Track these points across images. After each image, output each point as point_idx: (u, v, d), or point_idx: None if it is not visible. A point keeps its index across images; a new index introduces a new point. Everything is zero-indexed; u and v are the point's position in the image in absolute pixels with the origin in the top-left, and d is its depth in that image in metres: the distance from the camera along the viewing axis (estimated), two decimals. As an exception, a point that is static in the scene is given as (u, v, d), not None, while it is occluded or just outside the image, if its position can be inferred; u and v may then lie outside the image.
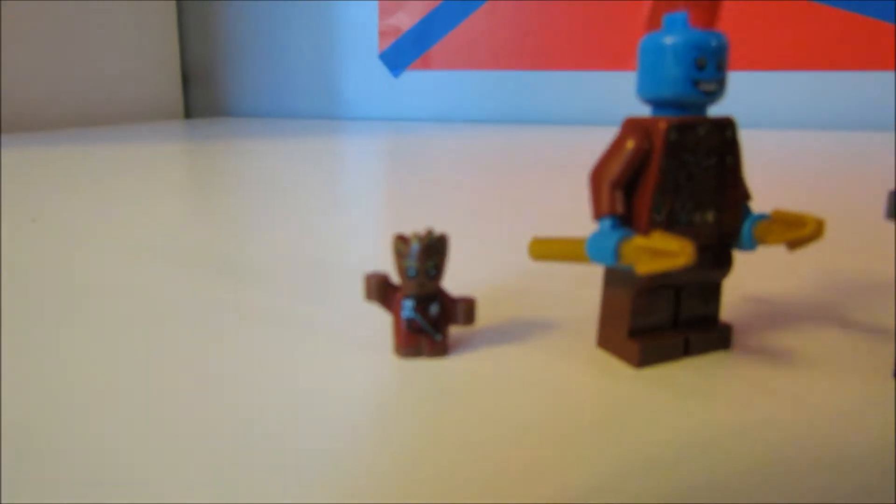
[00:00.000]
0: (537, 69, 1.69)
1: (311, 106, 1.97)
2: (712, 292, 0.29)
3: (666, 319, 0.29)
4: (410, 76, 1.83)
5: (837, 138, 1.28)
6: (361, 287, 0.29)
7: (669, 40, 0.25)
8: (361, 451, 0.22)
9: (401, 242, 0.27)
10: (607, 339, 0.29)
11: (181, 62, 2.01)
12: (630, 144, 0.26)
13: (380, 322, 0.31)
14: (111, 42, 1.74)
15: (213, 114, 2.10)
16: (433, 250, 0.27)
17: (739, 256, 0.29)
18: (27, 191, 0.74)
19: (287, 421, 0.23)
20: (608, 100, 1.44)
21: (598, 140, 0.35)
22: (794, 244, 0.27)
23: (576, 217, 0.37)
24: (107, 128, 1.61)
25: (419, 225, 0.33)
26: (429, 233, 0.27)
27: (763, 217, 0.28)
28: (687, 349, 0.28)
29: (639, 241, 0.24)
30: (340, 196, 0.76)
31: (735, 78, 0.34)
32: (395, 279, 0.29)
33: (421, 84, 1.82)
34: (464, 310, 0.29)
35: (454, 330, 0.30)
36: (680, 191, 0.26)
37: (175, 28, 1.96)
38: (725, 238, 0.28)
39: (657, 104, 0.27)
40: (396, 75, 1.84)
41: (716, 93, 0.26)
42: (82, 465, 0.21)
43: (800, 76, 1.48)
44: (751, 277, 0.38)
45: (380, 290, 0.29)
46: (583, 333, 0.31)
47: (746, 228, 0.28)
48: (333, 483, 0.20)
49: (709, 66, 0.25)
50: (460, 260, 0.35)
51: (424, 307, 0.28)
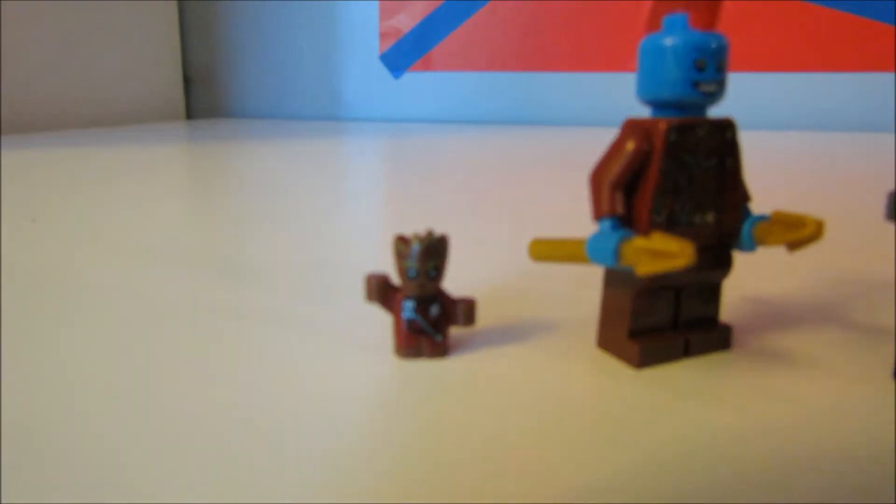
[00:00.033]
0: (538, 70, 1.70)
1: (312, 107, 1.97)
2: (712, 293, 0.29)
3: (666, 320, 0.29)
4: (411, 77, 1.83)
5: (837, 139, 1.28)
6: (362, 288, 0.29)
7: (669, 42, 0.25)
8: (362, 452, 0.22)
9: (401, 243, 0.27)
10: (607, 340, 0.29)
11: (182, 63, 2.01)
12: (630, 145, 0.26)
13: (380, 323, 0.31)
14: (112, 43, 1.74)
15: (215, 115, 2.10)
16: (433, 251, 0.27)
17: (739, 257, 0.29)
18: (27, 191, 0.74)
19: (287, 421, 0.23)
20: (608, 101, 1.44)
21: (598, 141, 0.35)
22: (794, 245, 0.27)
23: (576, 218, 0.37)
24: (108, 129, 1.61)
25: (419, 226, 0.33)
26: (429, 234, 0.27)
27: (763, 218, 0.28)
28: (687, 350, 0.28)
29: (639, 242, 0.24)
30: (341, 197, 0.76)
31: (735, 79, 0.34)
32: (396, 280, 0.29)
33: (421, 85, 1.82)
34: (464, 311, 0.29)
35: (454, 331, 0.30)
36: (680, 192, 0.26)
37: (176, 29, 1.96)
38: (725, 239, 0.28)
39: (657, 105, 0.27)
40: (397, 76, 1.84)
41: (716, 94, 0.26)
42: (82, 465, 0.21)
43: (799, 77, 1.48)
44: (751, 278, 0.38)
45: (380, 291, 0.29)
46: (583, 334, 0.31)
47: (746, 229, 0.28)
48: (334, 483, 0.20)
49: (708, 68, 0.25)
50: (461, 261, 0.35)
51: (425, 308, 0.28)
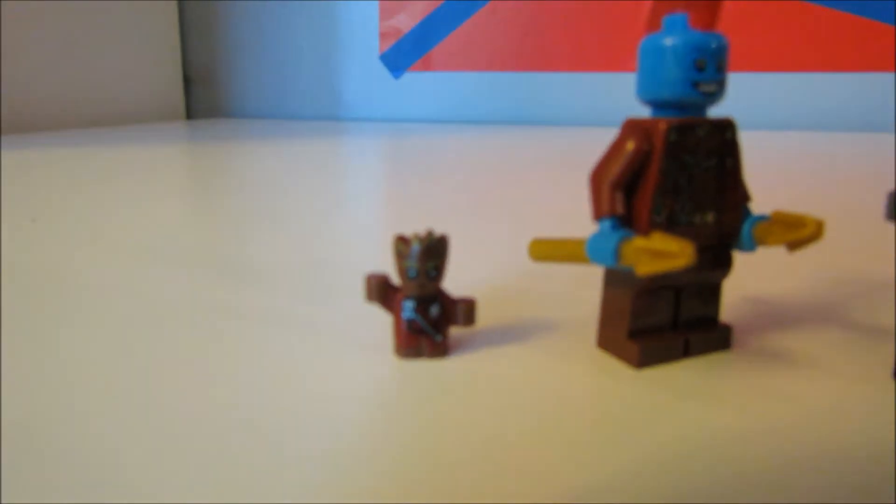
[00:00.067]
0: (538, 70, 1.70)
1: (313, 107, 1.97)
2: (712, 293, 0.29)
3: (666, 320, 0.29)
4: (411, 77, 1.83)
5: (837, 139, 1.28)
6: (362, 288, 0.29)
7: (669, 42, 0.25)
8: (362, 452, 0.22)
9: (401, 243, 0.27)
10: (607, 340, 0.29)
11: (182, 63, 2.01)
12: (630, 145, 0.26)
13: (380, 323, 0.31)
14: (112, 43, 1.74)
15: (215, 115, 2.10)
16: (433, 251, 0.27)
17: (739, 257, 0.29)
18: (27, 191, 0.74)
19: (287, 421, 0.23)
20: (608, 101, 1.44)
21: (599, 141, 0.35)
22: (794, 245, 0.27)
23: (576, 218, 0.37)
24: (108, 129, 1.61)
25: (419, 226, 0.33)
26: (429, 234, 0.27)
27: (763, 218, 0.28)
28: (687, 350, 0.28)
29: (639, 242, 0.24)
30: (341, 197, 0.76)
31: (735, 79, 0.34)
32: (396, 280, 0.29)
33: (421, 85, 1.82)
34: (464, 311, 0.29)
35: (454, 331, 0.30)
36: (680, 192, 0.26)
37: (176, 29, 1.96)
38: (725, 239, 0.28)
39: (657, 105, 0.27)
40: (397, 77, 1.84)
41: (715, 94, 0.26)
42: (82, 465, 0.21)
43: (799, 77, 1.48)
44: (751, 278, 0.38)
45: (380, 291, 0.29)
46: (583, 334, 0.31)
47: (746, 229, 0.28)
48: (334, 483, 0.20)
49: (708, 68, 0.25)
50: (460, 261, 0.35)
51: (425, 308, 0.28)
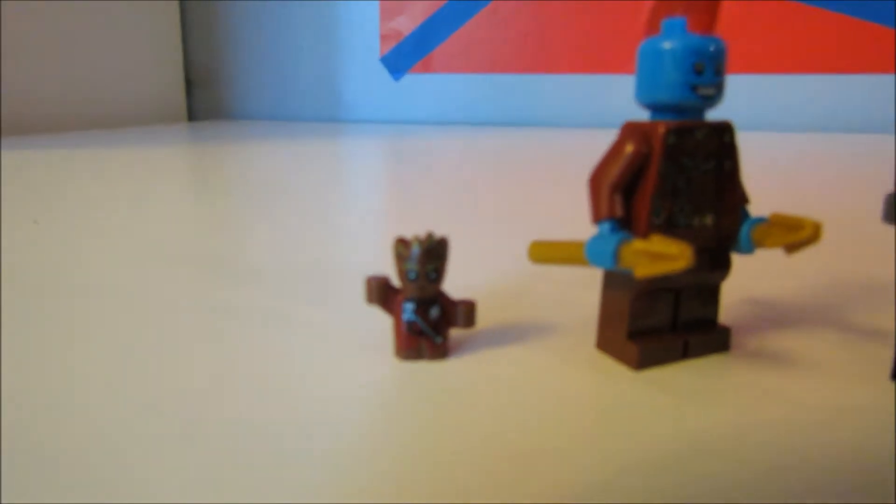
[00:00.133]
0: (537, 72, 1.70)
1: (313, 109, 1.97)
2: (711, 295, 0.29)
3: (665, 322, 0.29)
4: (411, 79, 1.83)
5: (836, 141, 1.28)
6: (362, 290, 0.29)
7: (668, 45, 0.26)
8: (362, 453, 0.22)
9: (401, 245, 0.28)
10: (606, 342, 0.29)
11: (184, 65, 2.01)
12: (629, 148, 0.26)
13: (380, 324, 0.31)
14: (113, 44, 1.74)
15: (216, 116, 2.10)
16: (434, 253, 0.27)
17: (738, 259, 0.29)
18: (29, 193, 0.74)
19: (288, 422, 0.24)
20: (608, 103, 1.44)
21: (598, 143, 0.35)
22: (792, 247, 0.27)
23: (575, 220, 0.38)
24: (109, 130, 1.62)
25: (420, 228, 0.33)
26: (429, 236, 0.27)
27: (761, 220, 0.28)
28: (686, 351, 0.28)
29: (638, 245, 0.24)
30: (342, 198, 0.76)
31: (734, 81, 0.34)
32: (396, 282, 0.29)
33: (422, 87, 1.82)
34: (464, 312, 0.29)
35: (454, 332, 0.30)
36: (679, 194, 0.27)
37: (178, 31, 1.96)
38: (724, 241, 0.28)
39: (656, 108, 0.27)
40: (397, 78, 1.84)
41: (714, 97, 0.26)
42: (82, 465, 0.21)
43: (798, 79, 1.48)
44: (749, 280, 0.39)
45: (380, 293, 0.29)
46: (582, 336, 0.31)
47: (744, 232, 0.28)
48: (334, 483, 0.20)
49: (707, 71, 0.25)
50: (460, 262, 0.35)
51: (425, 310, 0.28)
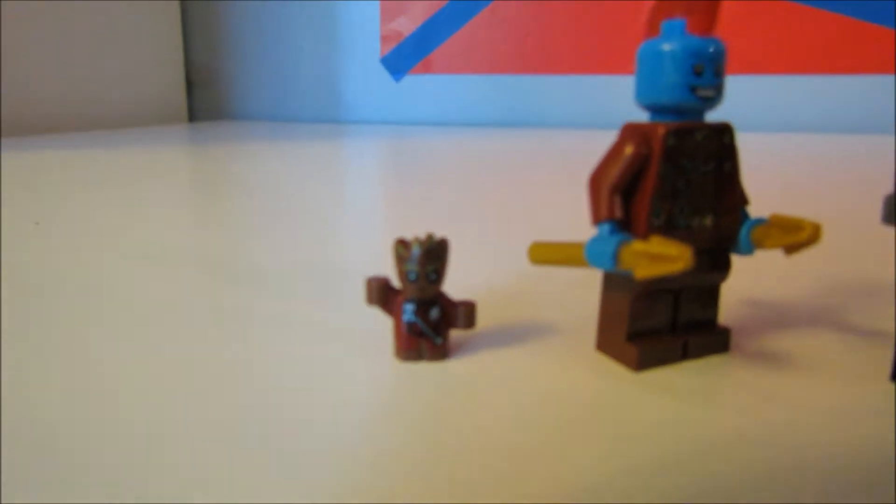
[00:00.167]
0: (538, 73, 1.70)
1: (314, 109, 1.97)
2: (710, 296, 0.30)
3: (664, 323, 0.29)
4: (412, 80, 1.83)
5: (835, 142, 1.28)
6: (362, 290, 0.29)
7: (667, 47, 0.26)
8: (362, 453, 0.22)
9: (402, 246, 0.28)
10: (606, 343, 0.29)
11: (185, 65, 2.01)
12: (629, 150, 0.26)
13: (381, 325, 0.31)
14: (114, 45, 1.75)
15: (217, 117, 2.10)
16: (434, 255, 0.27)
17: (737, 260, 0.29)
18: (30, 194, 0.74)
19: (288, 423, 0.24)
20: (608, 103, 1.44)
21: (598, 143, 0.35)
22: (792, 249, 0.27)
23: (575, 221, 0.38)
24: (109, 131, 1.62)
25: (420, 228, 0.33)
26: (429, 237, 0.28)
27: (761, 221, 0.28)
28: (685, 353, 0.29)
29: (637, 246, 0.24)
30: (342, 199, 0.76)
31: (734, 81, 0.34)
32: (396, 283, 0.29)
33: (422, 88, 1.82)
34: (464, 313, 0.29)
35: (454, 333, 0.30)
36: (678, 196, 0.27)
37: (179, 31, 1.96)
38: (723, 242, 0.28)
39: (655, 110, 0.27)
40: (398, 79, 1.84)
41: (714, 99, 0.26)
42: (82, 465, 0.21)
43: (798, 80, 1.48)
44: (749, 281, 0.39)
45: (381, 294, 0.29)
46: (582, 337, 0.31)
47: (744, 233, 0.28)
48: (334, 484, 0.20)
49: (706, 73, 0.26)
50: (460, 263, 0.35)
51: (425, 311, 0.28)
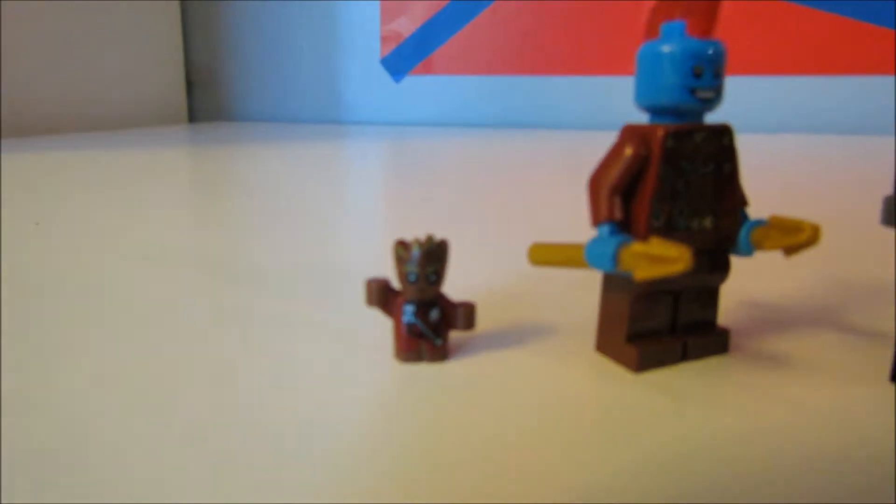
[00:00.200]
0: (538, 74, 1.70)
1: (314, 110, 1.97)
2: (710, 297, 0.30)
3: (664, 324, 0.29)
4: (412, 81, 1.83)
5: (835, 142, 1.28)
6: (362, 292, 0.29)
7: (667, 49, 0.26)
8: (362, 454, 0.22)
9: (402, 248, 0.28)
10: (606, 344, 0.29)
11: (185, 66, 2.01)
12: (628, 151, 0.26)
13: (380, 327, 0.31)
14: (114, 46, 1.75)
15: (217, 118, 2.10)
16: (434, 256, 0.28)
17: (737, 261, 0.29)
18: (30, 195, 0.74)
19: (288, 423, 0.24)
20: (608, 104, 1.44)
21: (598, 144, 0.35)
22: (791, 250, 0.27)
23: (575, 222, 0.38)
24: (109, 132, 1.62)
25: (420, 229, 0.33)
26: (429, 238, 0.28)
27: (760, 223, 0.28)
28: (685, 354, 0.29)
29: (637, 247, 0.24)
30: (342, 200, 0.76)
31: (733, 82, 0.34)
32: (396, 284, 0.29)
33: (422, 88, 1.82)
34: (464, 314, 0.29)
35: (454, 334, 0.30)
36: (678, 197, 0.27)
37: (179, 32, 1.96)
38: (723, 243, 0.28)
39: (655, 111, 0.27)
40: (398, 80, 1.84)
41: (713, 100, 0.26)
42: (82, 465, 0.21)
43: (798, 80, 1.48)
44: (748, 282, 0.39)
45: (380, 295, 0.29)
46: (581, 338, 0.31)
47: (743, 234, 0.28)
48: (334, 484, 0.20)
49: (706, 74, 0.26)
50: (460, 264, 0.35)
51: (425, 312, 0.28)
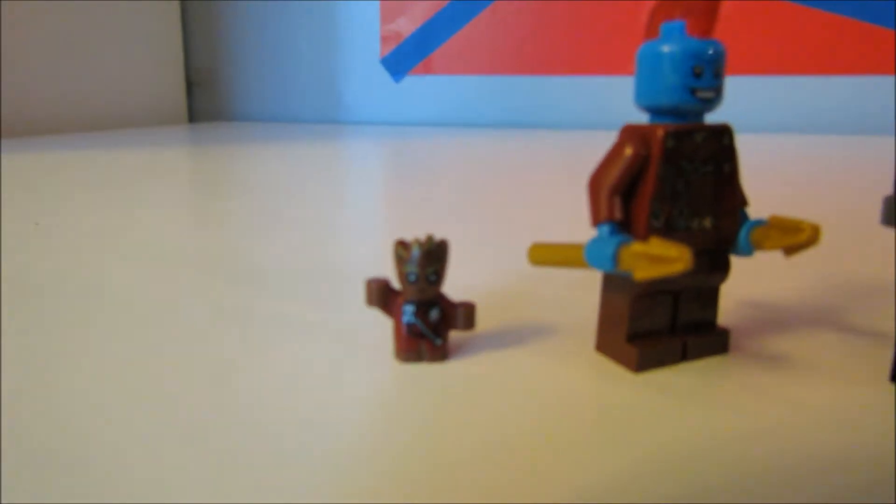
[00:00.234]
0: (537, 74, 1.70)
1: (314, 110, 1.97)
2: (710, 297, 0.30)
3: (664, 324, 0.29)
4: (412, 81, 1.83)
5: (835, 143, 1.28)
6: (362, 292, 0.29)
7: (667, 49, 0.26)
8: (362, 454, 0.22)
9: (402, 248, 0.28)
10: (606, 344, 0.29)
11: (185, 66, 2.01)
12: (628, 151, 0.26)
13: (381, 327, 0.31)
14: (114, 46, 1.75)
15: (217, 118, 2.11)
16: (434, 256, 0.28)
17: (737, 261, 0.29)
18: (30, 195, 0.74)
19: (288, 424, 0.24)
20: (609, 104, 1.44)
21: (598, 144, 0.35)
22: (791, 250, 0.27)
23: (575, 222, 0.38)
24: (109, 132, 1.62)
25: (420, 229, 0.33)
26: (429, 238, 0.28)
27: (760, 223, 0.28)
28: (685, 354, 0.29)
29: (637, 247, 0.24)
30: (342, 201, 0.76)
31: (733, 82, 0.34)
32: (396, 284, 0.29)
33: (422, 89, 1.82)
34: (464, 314, 0.29)
35: (454, 334, 0.30)
36: (678, 197, 0.27)
37: (179, 32, 1.96)
38: (723, 243, 0.28)
39: (655, 112, 0.27)
40: (398, 80, 1.84)
41: (713, 100, 0.26)
42: (82, 466, 0.21)
43: (798, 80, 1.48)
44: (748, 282, 0.39)
45: (381, 296, 0.29)
46: (581, 338, 0.31)
47: (743, 234, 0.28)
48: (334, 484, 0.20)
49: (706, 74, 0.26)
50: (460, 265, 0.35)
51: (425, 312, 0.28)
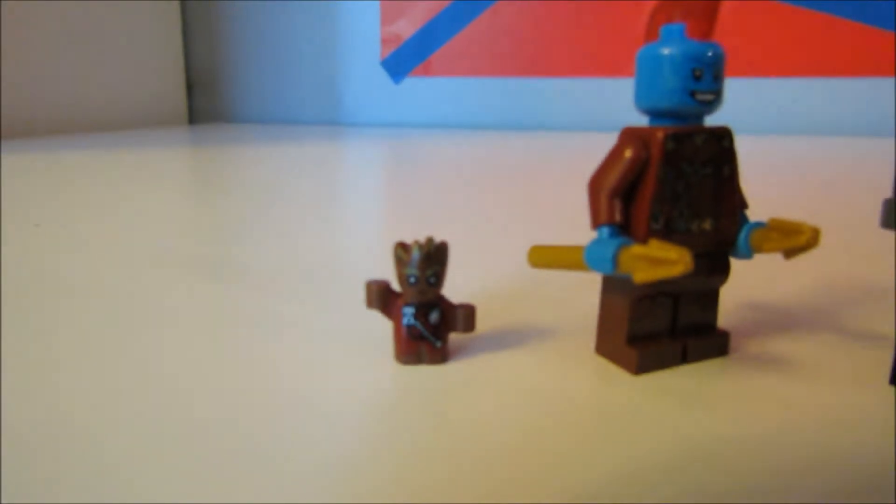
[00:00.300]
0: (537, 76, 1.70)
1: (314, 112, 1.97)
2: (710, 299, 0.30)
3: (664, 326, 0.29)
4: (411, 82, 1.83)
5: (835, 145, 1.28)
6: (362, 294, 0.29)
7: (666, 51, 0.26)
8: (361, 456, 0.22)
9: (402, 250, 0.28)
10: (606, 346, 0.29)
11: (185, 68, 2.02)
12: (628, 153, 0.27)
13: (380, 329, 0.31)
14: (115, 47, 1.75)
15: (217, 119, 2.11)
16: (434, 258, 0.28)
17: (736, 264, 0.29)
18: (30, 196, 0.74)
19: (288, 426, 0.24)
20: (608, 106, 1.44)
21: (598, 146, 0.35)
22: (791, 252, 0.27)
23: (575, 224, 0.38)
24: (110, 133, 1.62)
25: (420, 232, 0.33)
26: (429, 241, 0.28)
27: (760, 225, 0.28)
28: (685, 356, 0.29)
29: (637, 250, 0.24)
30: (342, 202, 0.76)
31: (733, 84, 0.35)
32: (396, 286, 0.29)
33: (422, 90, 1.83)
34: (463, 317, 0.29)
35: (454, 337, 0.30)
36: (677, 199, 0.27)
37: (179, 34, 1.97)
38: (723, 246, 0.28)
39: (655, 114, 0.27)
40: (397, 82, 1.85)
41: (713, 103, 0.26)
42: (82, 466, 0.21)
43: (797, 82, 1.48)
44: (748, 285, 0.39)
45: (381, 298, 0.29)
46: (581, 340, 0.31)
47: (743, 236, 0.28)
48: (334, 486, 0.20)
49: (705, 77, 0.26)
50: (460, 267, 0.35)
51: (425, 314, 0.28)
